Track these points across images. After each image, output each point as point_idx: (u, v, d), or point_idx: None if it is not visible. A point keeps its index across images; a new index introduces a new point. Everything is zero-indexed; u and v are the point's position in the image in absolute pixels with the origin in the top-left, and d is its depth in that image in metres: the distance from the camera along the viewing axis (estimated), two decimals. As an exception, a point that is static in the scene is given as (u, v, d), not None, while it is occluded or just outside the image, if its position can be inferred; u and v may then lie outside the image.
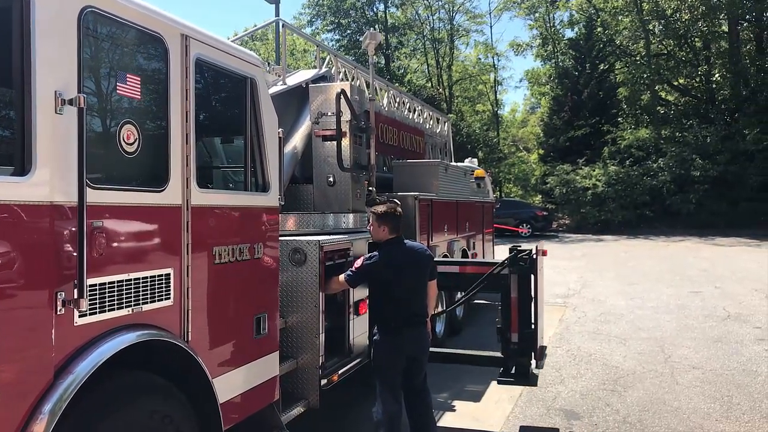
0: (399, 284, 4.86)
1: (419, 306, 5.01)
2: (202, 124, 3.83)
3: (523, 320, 5.73)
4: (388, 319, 4.88)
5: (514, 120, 58.76)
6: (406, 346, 4.89)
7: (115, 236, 3.03)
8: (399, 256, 4.94)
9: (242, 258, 4.01)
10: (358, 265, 4.89)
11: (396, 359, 4.87)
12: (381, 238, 5.01)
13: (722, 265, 17.66)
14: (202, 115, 3.81)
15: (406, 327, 4.87)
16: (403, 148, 9.87)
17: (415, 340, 4.94)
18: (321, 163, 6.19)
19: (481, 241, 12.01)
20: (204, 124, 3.93)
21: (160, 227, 3.34)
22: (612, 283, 14.87)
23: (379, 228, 4.99)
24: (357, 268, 4.90)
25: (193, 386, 3.53)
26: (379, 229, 4.99)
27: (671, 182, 30.06)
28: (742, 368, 7.76)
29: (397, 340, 4.85)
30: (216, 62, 3.85)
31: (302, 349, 4.97)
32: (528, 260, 5.72)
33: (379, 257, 4.85)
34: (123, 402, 2.99)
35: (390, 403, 4.79)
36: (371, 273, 4.88)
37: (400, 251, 4.98)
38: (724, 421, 6.05)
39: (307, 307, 4.96)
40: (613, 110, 36.29)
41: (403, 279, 4.89)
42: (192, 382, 3.52)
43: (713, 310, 11.39)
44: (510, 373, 5.84)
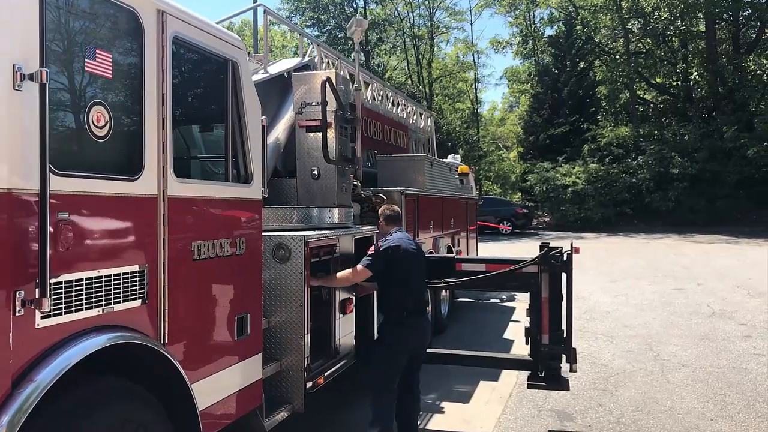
0: (412, 269, 5.01)
1: (424, 294, 5.26)
2: (180, 108, 3.55)
3: (553, 321, 5.51)
4: (400, 306, 4.95)
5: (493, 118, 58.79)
6: (412, 336, 4.97)
7: (82, 229, 2.75)
8: (407, 242, 5.11)
9: (223, 254, 3.73)
10: (375, 249, 4.97)
11: (402, 352, 4.92)
12: (385, 233, 5.25)
13: (703, 262, 17.69)
14: (180, 98, 3.53)
15: (416, 315, 5.01)
16: (387, 142, 9.64)
17: (421, 328, 5.07)
18: (305, 156, 5.92)
19: (465, 238, 11.82)
20: (182, 108, 3.65)
21: (133, 219, 3.06)
22: (594, 281, 14.77)
23: (386, 227, 5.26)
24: (375, 252, 4.95)
25: (171, 392, 3.26)
26: (387, 227, 5.26)
27: (650, 180, 30.21)
28: (732, 366, 7.64)
29: (405, 329, 4.93)
30: (195, 42, 3.56)
31: (287, 351, 4.70)
32: (560, 258, 5.51)
33: (395, 241, 4.97)
34: (92, 411, 2.71)
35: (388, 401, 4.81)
36: (390, 256, 4.90)
37: (407, 238, 5.17)
38: (720, 420, 5.90)
39: (291, 306, 4.69)
40: (592, 108, 36.43)
41: (414, 265, 5.04)
42: (169, 388, 3.25)
43: (697, 307, 11.32)
44: (540, 376, 5.62)
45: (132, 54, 3.09)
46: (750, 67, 32.55)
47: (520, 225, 29.37)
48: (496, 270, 5.73)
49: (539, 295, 5.51)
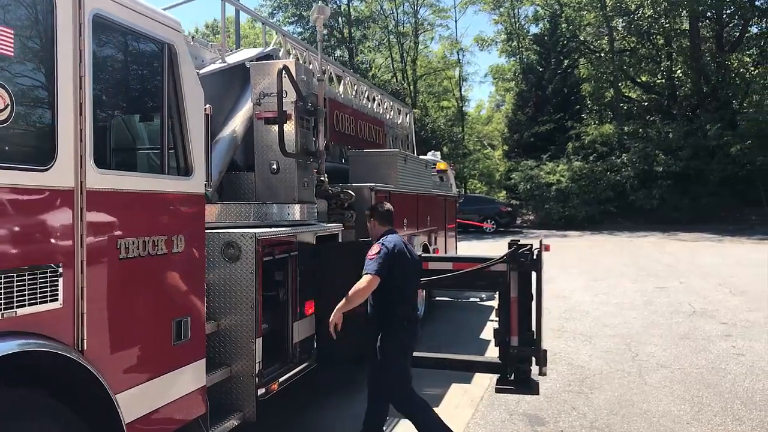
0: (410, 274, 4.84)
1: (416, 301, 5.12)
2: (105, 94, 3.26)
3: (523, 322, 5.26)
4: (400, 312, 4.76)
5: (479, 117, 58.70)
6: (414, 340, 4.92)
7: (-23, 224, 2.45)
8: (402, 245, 4.86)
9: (157, 252, 3.44)
10: (377, 252, 4.64)
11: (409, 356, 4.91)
12: (377, 234, 4.99)
13: (686, 260, 17.58)
14: (105, 83, 3.24)
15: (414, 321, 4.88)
16: (361, 138, 9.36)
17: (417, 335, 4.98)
18: (263, 149, 5.62)
19: (443, 237, 11.58)
20: (108, 94, 3.36)
21: (44, 213, 2.77)
22: (577, 279, 14.59)
23: (380, 227, 5.01)
24: (377, 254, 4.62)
25: (92, 404, 2.97)
26: (380, 227, 5.01)
27: (634, 178, 30.16)
28: (711, 366, 7.44)
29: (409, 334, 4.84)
30: (122, 22, 3.27)
31: (236, 356, 4.42)
32: (529, 256, 5.26)
33: (394, 242, 4.75)
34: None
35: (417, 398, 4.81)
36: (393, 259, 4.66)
37: (401, 240, 4.91)
38: (695, 424, 5.68)
39: (241, 308, 4.41)
40: (577, 106, 36.35)
41: (410, 269, 4.86)
42: (90, 400, 2.96)
43: (679, 305, 11.15)
44: (509, 379, 5.37)
45: (40, 31, 2.79)
46: (733, 65, 32.57)
47: (504, 223, 29.21)
48: (464, 269, 5.47)
49: (508, 294, 5.27)
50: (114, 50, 3.40)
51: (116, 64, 3.47)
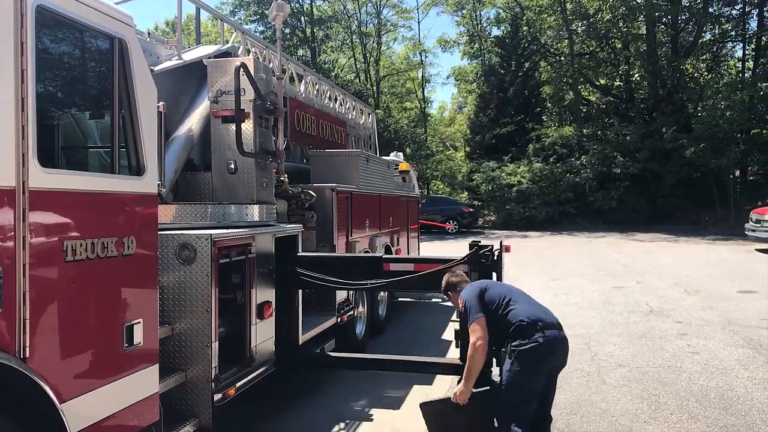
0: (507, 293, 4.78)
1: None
2: (49, 89, 3.12)
3: None
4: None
5: (442, 119, 59.00)
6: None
7: None
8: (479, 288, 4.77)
9: (107, 255, 3.31)
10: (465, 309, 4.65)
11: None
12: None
13: (643, 260, 17.91)
14: (49, 78, 3.10)
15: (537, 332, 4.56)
16: (323, 138, 9.27)
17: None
18: (221, 148, 5.50)
19: (406, 237, 11.56)
20: (53, 89, 3.22)
21: (-18, 215, 2.62)
22: (536, 279, 14.72)
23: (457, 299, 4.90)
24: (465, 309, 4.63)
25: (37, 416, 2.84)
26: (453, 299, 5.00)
27: (593, 179, 30.66)
28: (667, 365, 7.56)
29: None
30: (68, 14, 3.13)
31: (192, 360, 4.30)
32: (490, 257, 5.23)
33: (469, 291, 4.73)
34: None
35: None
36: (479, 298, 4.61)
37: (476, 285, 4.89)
38: (653, 422, 5.76)
39: (196, 311, 4.29)
40: (537, 108, 36.83)
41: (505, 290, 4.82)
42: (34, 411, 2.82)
43: (636, 305, 11.33)
44: None
45: (-22, 22, 2.65)
46: (688, 70, 33.38)
47: (466, 224, 29.39)
48: (425, 270, 5.43)
49: (469, 296, 5.23)
50: (60, 44, 3.26)
51: (63, 58, 3.33)
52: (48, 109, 3.19)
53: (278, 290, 5.41)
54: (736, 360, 7.68)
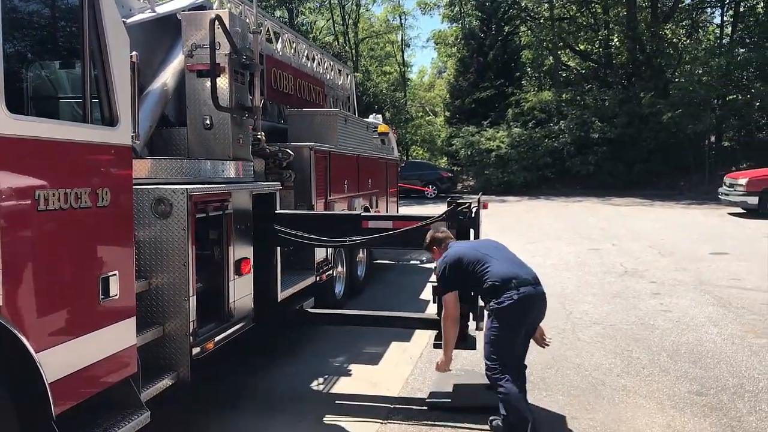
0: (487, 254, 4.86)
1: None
2: (17, 36, 3.02)
3: None
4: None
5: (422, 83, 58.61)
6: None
7: None
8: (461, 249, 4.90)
9: (81, 205, 3.25)
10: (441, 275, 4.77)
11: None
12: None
13: (619, 224, 18.14)
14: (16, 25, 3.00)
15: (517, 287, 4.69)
16: (301, 97, 9.15)
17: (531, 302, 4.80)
18: (196, 103, 5.41)
19: (384, 201, 11.56)
20: (20, 37, 3.11)
21: (-51, 161, 2.56)
22: (514, 242, 14.71)
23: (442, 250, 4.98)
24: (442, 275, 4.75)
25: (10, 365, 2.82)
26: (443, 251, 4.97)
27: (571, 144, 30.80)
28: (640, 322, 7.72)
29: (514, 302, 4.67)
30: (35, -44, 3.03)
31: (169, 315, 4.29)
32: (468, 214, 5.24)
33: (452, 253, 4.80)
34: None
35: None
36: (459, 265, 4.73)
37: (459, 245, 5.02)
38: (625, 376, 5.90)
39: (173, 266, 4.26)
40: (517, 73, 36.70)
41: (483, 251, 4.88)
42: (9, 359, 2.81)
43: (611, 266, 11.51)
44: None
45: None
46: (667, 36, 33.42)
47: (444, 189, 29.49)
48: (404, 227, 5.44)
49: (447, 252, 5.26)
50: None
51: (31, 6, 3.22)
52: (16, 56, 3.10)
53: (256, 247, 5.39)
54: (706, 317, 7.87)
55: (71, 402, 3.20)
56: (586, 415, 4.99)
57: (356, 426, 4.84)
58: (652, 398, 5.34)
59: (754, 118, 30.45)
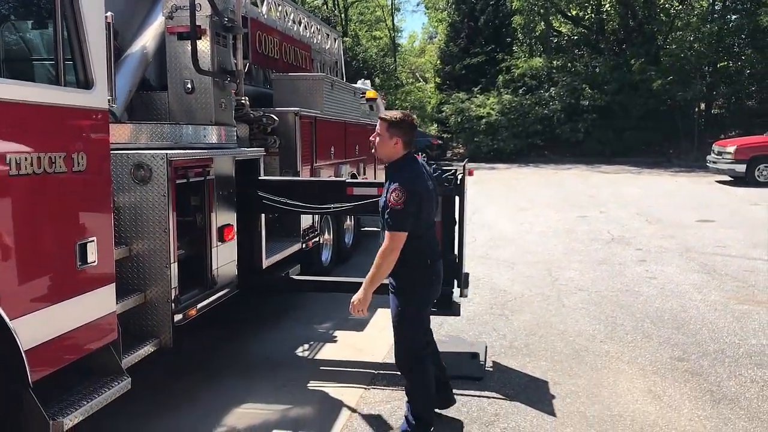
0: (431, 208, 4.05)
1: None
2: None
3: (446, 246, 5.21)
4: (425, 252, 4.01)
5: (412, 49, 57.92)
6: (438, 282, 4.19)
7: None
8: (424, 173, 4.06)
9: (55, 170, 3.19)
10: (401, 199, 3.73)
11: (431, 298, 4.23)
12: (391, 155, 3.97)
13: (607, 192, 18.18)
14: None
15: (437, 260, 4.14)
16: (287, 62, 9.00)
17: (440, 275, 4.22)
18: (177, 66, 5.29)
19: (373, 168, 11.48)
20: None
21: None
22: (502, 209, 14.88)
23: (390, 140, 3.91)
24: (402, 203, 3.72)
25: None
26: (390, 142, 3.91)
27: (561, 111, 30.67)
28: (626, 289, 7.77)
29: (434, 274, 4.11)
30: None
31: (151, 281, 4.25)
32: (453, 180, 5.18)
33: (415, 179, 3.85)
34: None
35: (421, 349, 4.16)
36: (418, 202, 3.81)
37: (423, 168, 4.10)
38: (609, 342, 5.94)
39: (154, 232, 4.21)
40: (508, 39, 36.27)
41: (433, 201, 4.12)
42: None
43: (598, 233, 11.55)
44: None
45: None
46: (659, 1, 33.04)
47: (434, 156, 29.33)
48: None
49: (432, 219, 5.23)
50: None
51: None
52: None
53: (240, 214, 5.34)
54: (690, 284, 7.92)
55: (49, 369, 3.18)
56: (568, 381, 5.03)
57: (340, 391, 4.86)
58: (634, 364, 5.39)
59: (745, 86, 30.36)
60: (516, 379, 5.09)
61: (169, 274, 4.24)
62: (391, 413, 4.50)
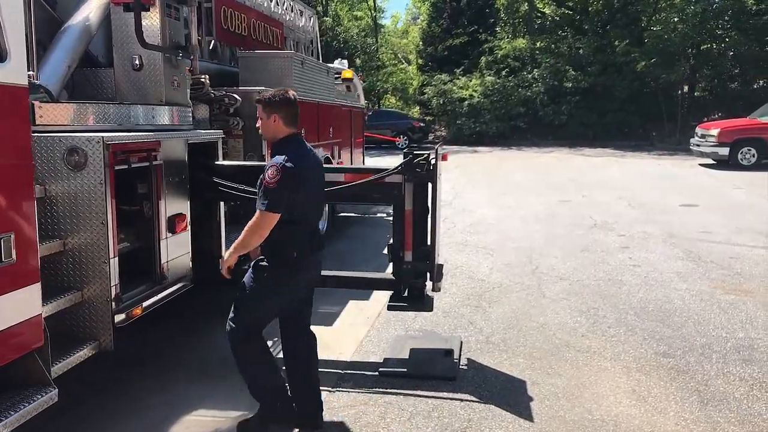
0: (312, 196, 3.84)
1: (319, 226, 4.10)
2: None
3: (418, 236, 4.84)
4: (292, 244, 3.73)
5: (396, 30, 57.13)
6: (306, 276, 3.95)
7: None
8: (309, 157, 3.86)
9: (-42, 155, 2.76)
10: (276, 177, 3.50)
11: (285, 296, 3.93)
12: (275, 134, 3.77)
13: (590, 175, 17.92)
14: None
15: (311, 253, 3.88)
16: (256, 39, 8.52)
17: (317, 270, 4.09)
18: (123, 40, 4.82)
19: (349, 150, 11.08)
20: None
21: None
22: (483, 194, 14.55)
23: (268, 119, 3.74)
24: (277, 181, 3.49)
25: None
26: (269, 120, 3.75)
27: (544, 93, 30.34)
28: (608, 278, 7.48)
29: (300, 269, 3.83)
30: None
31: (88, 279, 3.83)
32: (425, 166, 4.79)
33: (295, 162, 3.58)
34: None
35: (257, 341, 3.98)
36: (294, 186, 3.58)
37: (308, 151, 3.89)
38: (590, 336, 5.63)
39: (91, 224, 3.78)
40: (491, 19, 35.76)
41: (316, 189, 3.93)
42: None
43: (581, 218, 11.25)
44: (402, 296, 4.99)
45: None
46: (644, -18, 32.70)
47: (416, 139, 28.91)
48: (356, 180, 5.00)
49: (403, 207, 4.86)
50: None
51: None
52: None
53: (195, 202, 4.93)
54: (675, 272, 7.64)
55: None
56: (547, 380, 4.70)
57: (302, 395, 4.47)
58: (617, 360, 5.07)
59: (728, 68, 30.19)
60: (492, 378, 4.76)
61: (108, 270, 3.82)
62: (356, 419, 4.15)
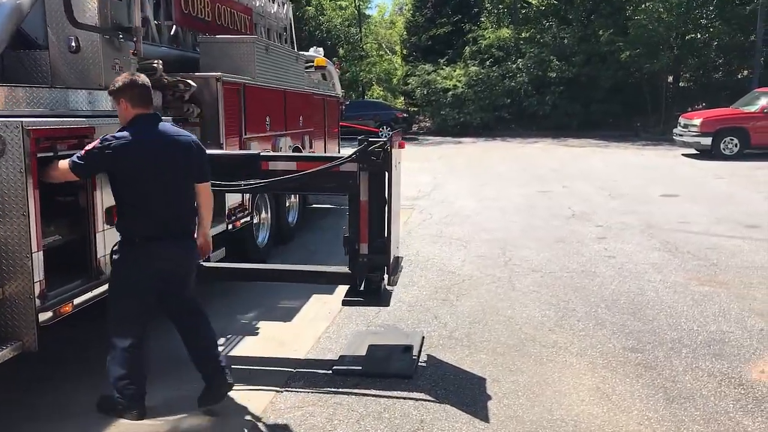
0: (151, 179, 3.73)
1: (178, 212, 3.89)
2: None
3: (374, 228, 4.60)
4: (133, 228, 3.79)
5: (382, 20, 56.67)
6: (156, 263, 3.78)
7: None
8: (151, 138, 3.80)
9: None
10: (89, 148, 3.68)
11: (141, 281, 3.77)
12: (126, 118, 3.83)
13: (572, 166, 17.76)
14: None
15: (157, 240, 3.77)
16: (221, 25, 8.21)
17: (170, 257, 3.84)
18: (59, 20, 4.52)
19: (322, 140, 10.82)
20: None
21: None
22: (464, 184, 14.35)
23: (119, 106, 3.84)
24: (87, 151, 3.67)
25: None
26: (119, 107, 3.85)
27: (529, 83, 30.13)
28: (582, 269, 7.28)
29: (144, 255, 3.77)
30: None
31: (9, 275, 3.56)
32: (381, 154, 4.53)
33: (121, 138, 3.68)
34: None
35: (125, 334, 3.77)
36: (108, 160, 3.67)
37: (152, 132, 3.82)
38: (558, 330, 5.42)
39: (10, 216, 3.51)
40: (475, 9, 35.45)
41: (158, 173, 3.75)
42: None
43: (559, 209, 11.07)
44: (359, 291, 4.75)
45: None
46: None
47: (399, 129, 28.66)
48: (309, 169, 4.74)
49: (358, 198, 4.61)
50: None
51: None
52: None
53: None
54: (650, 264, 7.45)
55: None
56: (508, 377, 4.48)
57: (248, 396, 4.21)
58: (583, 356, 4.86)
59: (712, 58, 30.08)
60: (451, 376, 4.53)
61: (31, 265, 3.55)
62: (302, 421, 3.90)
